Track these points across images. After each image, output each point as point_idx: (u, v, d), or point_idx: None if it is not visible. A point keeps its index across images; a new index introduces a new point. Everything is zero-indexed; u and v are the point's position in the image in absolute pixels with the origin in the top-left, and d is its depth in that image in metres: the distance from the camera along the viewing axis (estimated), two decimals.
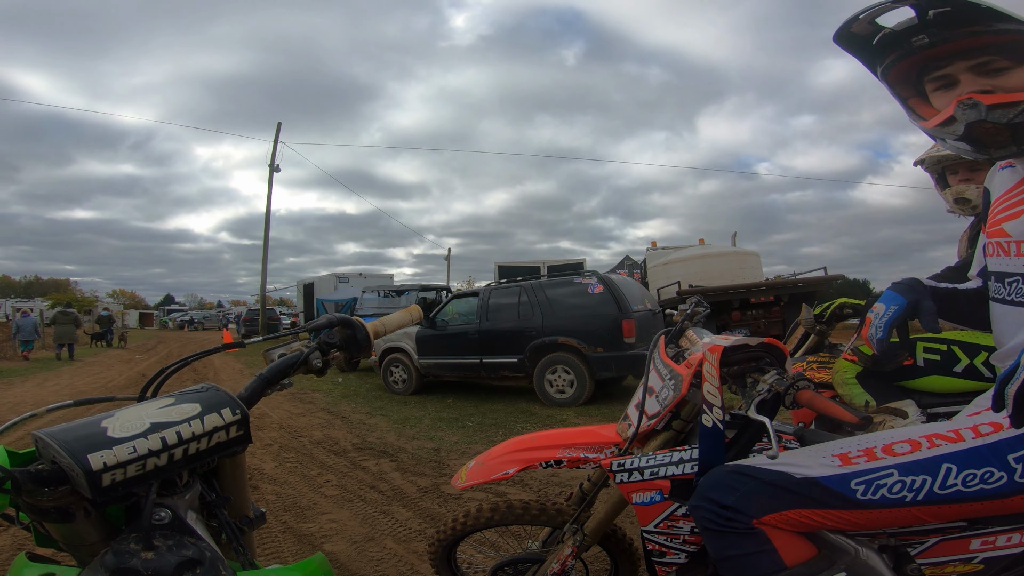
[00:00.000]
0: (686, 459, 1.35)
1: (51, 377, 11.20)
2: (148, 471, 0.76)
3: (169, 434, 0.79)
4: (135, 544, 0.74)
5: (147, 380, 0.98)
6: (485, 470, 1.72)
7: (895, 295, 1.29)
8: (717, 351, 1.28)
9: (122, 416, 0.80)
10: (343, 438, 5.43)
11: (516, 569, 1.85)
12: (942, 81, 1.07)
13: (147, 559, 0.72)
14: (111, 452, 0.73)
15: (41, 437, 0.74)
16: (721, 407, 1.25)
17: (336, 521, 3.28)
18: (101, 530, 0.80)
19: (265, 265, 22.14)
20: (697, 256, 13.18)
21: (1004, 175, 1.21)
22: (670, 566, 1.40)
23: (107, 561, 0.72)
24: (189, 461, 0.81)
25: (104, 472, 0.72)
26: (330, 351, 1.10)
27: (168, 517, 0.81)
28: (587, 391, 6.72)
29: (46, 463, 0.74)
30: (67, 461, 0.71)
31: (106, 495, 0.73)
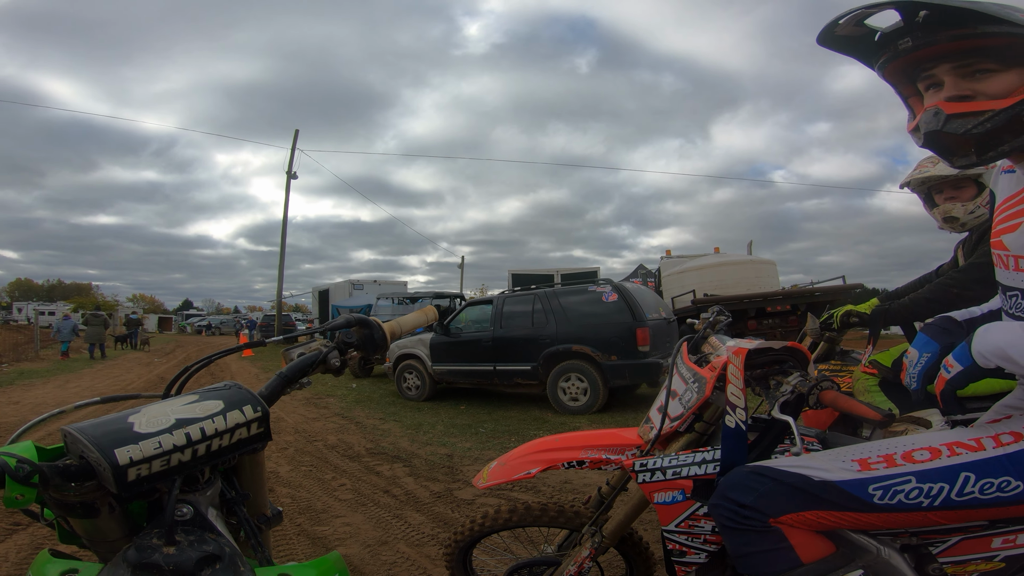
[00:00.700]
0: (708, 459, 1.36)
1: (72, 379, 11.42)
2: (172, 467, 0.78)
3: (193, 430, 0.80)
4: (157, 539, 0.75)
5: (171, 379, 1.00)
6: (507, 470, 1.73)
7: (928, 340, 1.23)
8: (742, 354, 1.30)
9: (148, 412, 0.81)
10: (357, 443, 5.46)
11: (531, 572, 1.85)
12: (930, 82, 1.05)
13: (168, 554, 0.73)
14: (137, 447, 0.75)
15: (70, 432, 0.75)
16: (744, 408, 1.27)
17: (350, 525, 3.30)
18: (124, 526, 0.81)
19: (282, 271, 22.43)
20: (712, 265, 13.09)
21: (1005, 180, 1.17)
22: (690, 566, 1.40)
23: (129, 556, 0.73)
24: (212, 457, 0.83)
25: (130, 467, 0.73)
26: (348, 350, 1.12)
27: (190, 513, 0.81)
28: (600, 399, 6.68)
29: (74, 458, 0.75)
30: (95, 455, 0.72)
31: (131, 490, 0.74)
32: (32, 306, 41.15)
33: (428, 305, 1.50)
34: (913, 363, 1.24)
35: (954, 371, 1.08)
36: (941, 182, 2.10)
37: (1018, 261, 1.08)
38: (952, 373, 1.08)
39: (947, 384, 1.09)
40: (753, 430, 1.38)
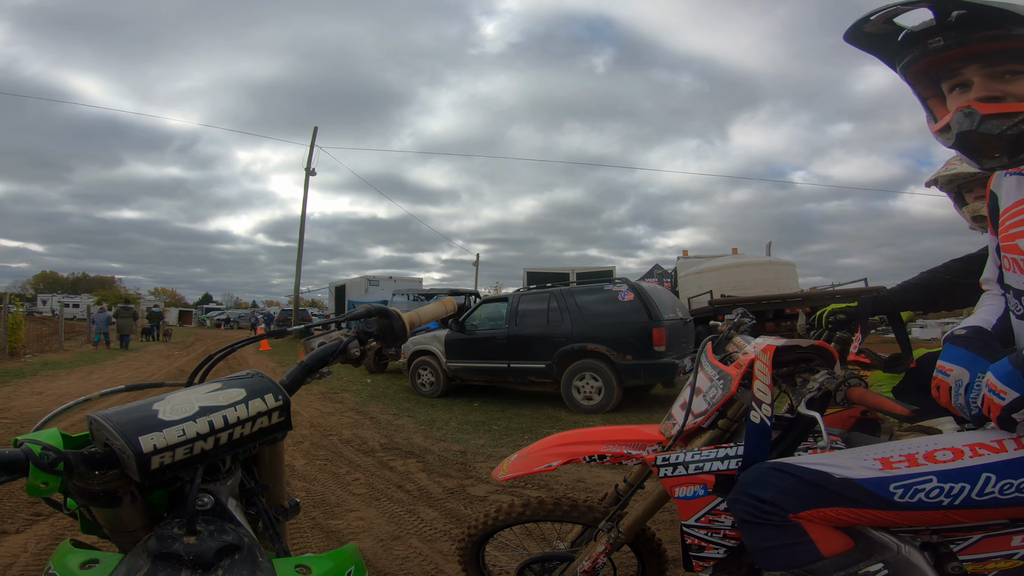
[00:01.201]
0: (731, 455, 1.37)
1: (95, 370, 11.68)
2: (195, 455, 0.77)
3: (216, 418, 0.80)
4: (178, 529, 0.75)
5: (195, 367, 1.00)
6: (528, 462, 1.73)
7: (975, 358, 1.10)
8: (770, 351, 1.32)
9: (172, 399, 0.81)
10: (371, 438, 5.50)
11: (543, 567, 1.85)
12: (957, 81, 1.04)
13: (189, 544, 0.73)
14: (161, 435, 0.74)
15: (96, 419, 0.75)
16: (770, 404, 1.28)
17: (363, 519, 3.32)
18: (145, 516, 0.81)
19: (299, 267, 22.68)
20: (730, 266, 12.95)
21: (1012, 182, 1.15)
22: (708, 561, 1.41)
23: (150, 546, 0.73)
24: (233, 446, 0.82)
25: (153, 455, 0.73)
26: (367, 340, 1.12)
27: (210, 503, 0.81)
28: (615, 398, 6.64)
29: (98, 446, 0.75)
30: (119, 443, 0.72)
31: (154, 478, 0.74)
32: (56, 298, 42.15)
33: (447, 297, 1.50)
34: (963, 384, 1.10)
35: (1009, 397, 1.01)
36: (971, 180, 2.03)
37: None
38: (1008, 400, 1.01)
39: (1004, 411, 1.02)
40: (774, 428, 1.38)
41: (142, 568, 0.70)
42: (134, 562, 0.72)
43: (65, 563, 0.74)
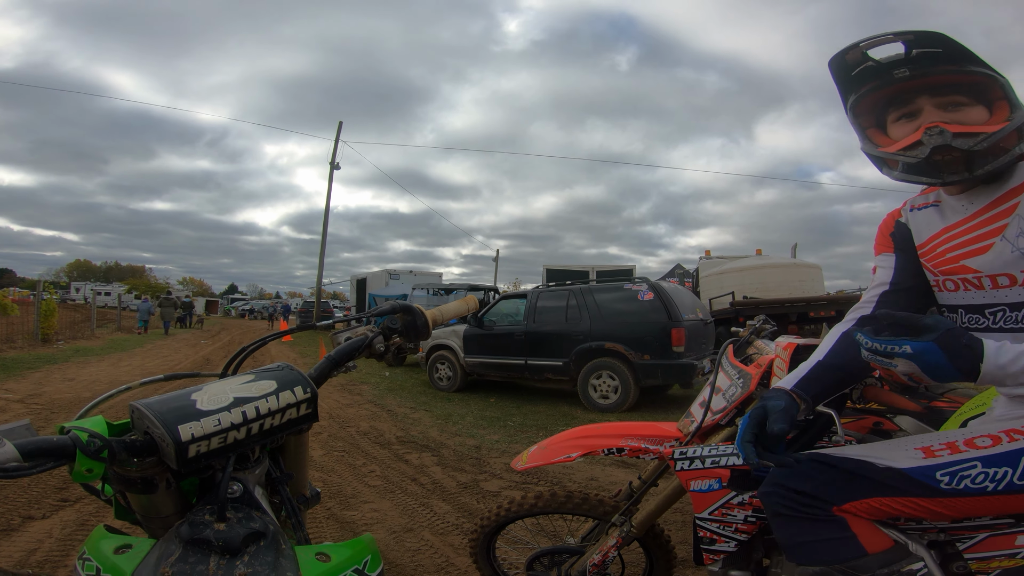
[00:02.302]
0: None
1: (125, 357, 12.03)
2: (228, 444, 0.80)
3: (249, 409, 0.82)
4: (209, 516, 0.77)
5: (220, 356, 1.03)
6: (547, 453, 1.76)
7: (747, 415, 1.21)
8: (790, 348, 1.37)
9: (209, 390, 0.83)
10: (388, 430, 5.56)
11: (552, 560, 1.88)
12: (906, 111, 1.18)
13: (219, 530, 0.75)
14: (199, 424, 0.77)
15: (137, 407, 0.78)
16: None
17: (377, 510, 3.36)
18: (177, 503, 0.83)
19: (322, 260, 23.01)
20: (754, 267, 12.74)
21: (926, 215, 1.29)
22: (718, 554, 1.43)
23: (182, 532, 0.75)
24: (263, 436, 0.84)
25: (191, 443, 0.75)
26: (392, 336, 1.15)
27: (239, 491, 0.83)
28: (631, 398, 6.60)
29: (138, 434, 0.77)
30: (159, 431, 0.74)
31: (190, 466, 0.76)
32: (89, 286, 43.48)
33: (469, 295, 1.51)
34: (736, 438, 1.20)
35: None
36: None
37: (996, 279, 1.16)
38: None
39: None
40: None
41: (174, 553, 0.73)
42: (166, 547, 0.74)
43: (99, 548, 0.76)
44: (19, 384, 7.54)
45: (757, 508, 1.36)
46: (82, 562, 0.75)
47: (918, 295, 1.32)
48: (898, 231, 1.36)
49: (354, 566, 0.81)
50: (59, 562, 2.53)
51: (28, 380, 7.93)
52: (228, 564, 0.73)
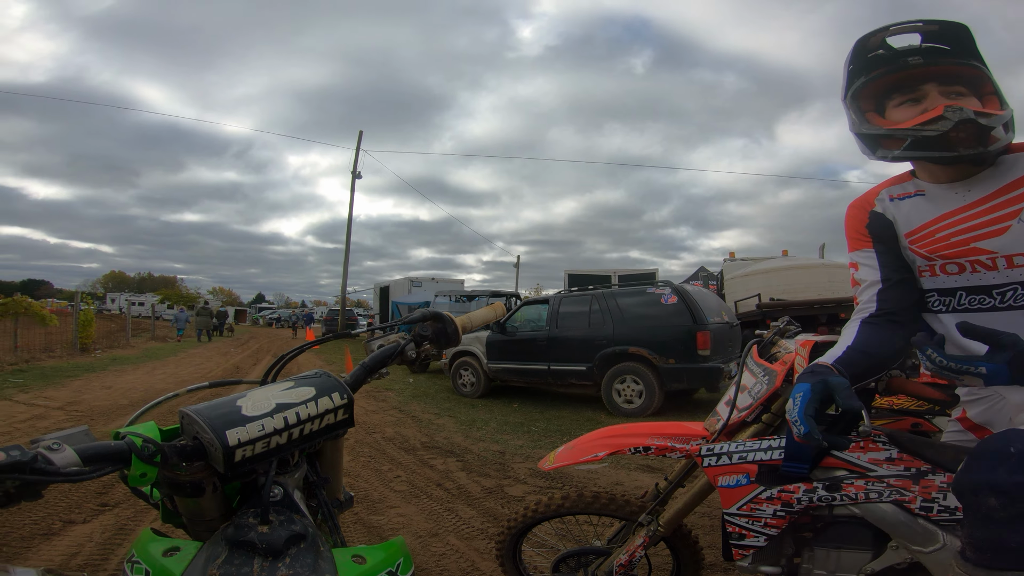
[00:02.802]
0: (774, 447, 1.40)
1: (159, 366, 12.37)
2: (271, 449, 0.82)
3: (290, 414, 0.85)
4: (253, 519, 0.80)
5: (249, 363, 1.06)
6: (575, 452, 1.77)
7: (798, 385, 1.19)
8: (808, 345, 1.40)
9: (253, 396, 0.86)
10: (413, 436, 5.60)
11: (579, 561, 1.88)
12: (912, 96, 1.26)
13: (263, 533, 0.78)
14: (244, 429, 0.79)
15: (187, 413, 0.80)
16: None
17: (403, 515, 3.38)
18: (220, 506, 0.86)
19: (346, 268, 23.36)
20: (780, 268, 12.48)
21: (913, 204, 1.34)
22: (747, 549, 1.42)
23: (228, 534, 0.78)
24: (303, 441, 0.87)
25: (238, 448, 0.78)
26: (423, 343, 1.17)
27: (280, 494, 0.86)
28: (656, 402, 6.53)
29: (188, 439, 0.80)
30: (208, 436, 0.77)
31: (236, 470, 0.79)
32: (124, 297, 44.92)
33: (497, 302, 1.54)
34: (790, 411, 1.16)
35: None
36: None
37: (1012, 259, 1.21)
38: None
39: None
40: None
41: (220, 555, 0.75)
42: (213, 549, 0.76)
43: (148, 551, 0.78)
44: (59, 392, 7.82)
45: (786, 503, 1.35)
46: (131, 565, 0.77)
47: (910, 286, 1.36)
48: (875, 223, 1.40)
49: (388, 568, 0.83)
50: (99, 565, 2.60)
51: (68, 388, 8.22)
52: (271, 566, 0.75)
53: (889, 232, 1.38)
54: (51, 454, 0.66)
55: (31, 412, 6.20)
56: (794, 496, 1.34)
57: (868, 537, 1.32)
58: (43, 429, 5.35)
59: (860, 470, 1.30)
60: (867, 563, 1.32)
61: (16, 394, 7.38)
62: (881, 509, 1.27)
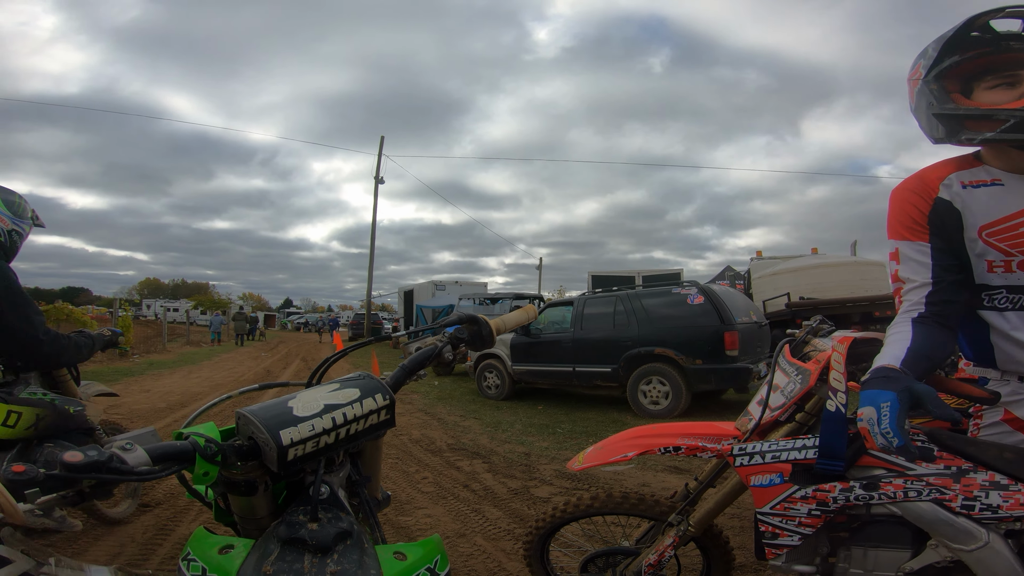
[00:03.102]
0: (808, 446, 1.39)
1: (194, 370, 12.73)
2: (320, 448, 0.85)
3: (338, 415, 0.88)
4: (303, 516, 0.82)
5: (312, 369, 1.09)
6: (604, 453, 1.77)
7: (878, 393, 1.12)
8: (847, 341, 1.36)
9: (303, 397, 0.89)
10: (439, 438, 5.64)
11: (607, 562, 1.87)
12: (1007, 79, 1.22)
13: (312, 530, 0.80)
14: (296, 429, 0.83)
15: (244, 414, 0.84)
16: (845, 392, 1.29)
17: (431, 516, 3.41)
18: (270, 504, 0.89)
19: (371, 273, 23.69)
20: (810, 266, 12.19)
21: (990, 194, 1.26)
22: (781, 548, 1.41)
23: (280, 532, 0.80)
24: (348, 440, 0.90)
25: (291, 447, 0.81)
26: (459, 345, 1.20)
27: (327, 493, 0.88)
28: (683, 403, 6.45)
29: (243, 439, 0.83)
30: (264, 436, 0.80)
31: (288, 469, 0.82)
32: (159, 303, 46.36)
33: (529, 304, 1.55)
34: (876, 422, 1.09)
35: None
36: None
37: None
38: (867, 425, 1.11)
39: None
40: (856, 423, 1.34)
41: (272, 552, 0.78)
42: (265, 547, 0.79)
43: (204, 548, 0.81)
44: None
45: (821, 502, 1.33)
46: (187, 563, 0.80)
47: (960, 287, 1.30)
48: (939, 211, 1.31)
49: (427, 565, 0.85)
50: (140, 565, 2.66)
51: None
52: (320, 562, 0.77)
53: (955, 223, 1.30)
54: (124, 454, 0.69)
55: None
56: (830, 495, 1.33)
57: (907, 536, 1.30)
58: None
59: (899, 469, 1.28)
60: (905, 562, 1.30)
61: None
62: (920, 508, 1.24)
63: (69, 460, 0.63)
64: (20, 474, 0.60)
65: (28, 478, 0.61)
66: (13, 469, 0.60)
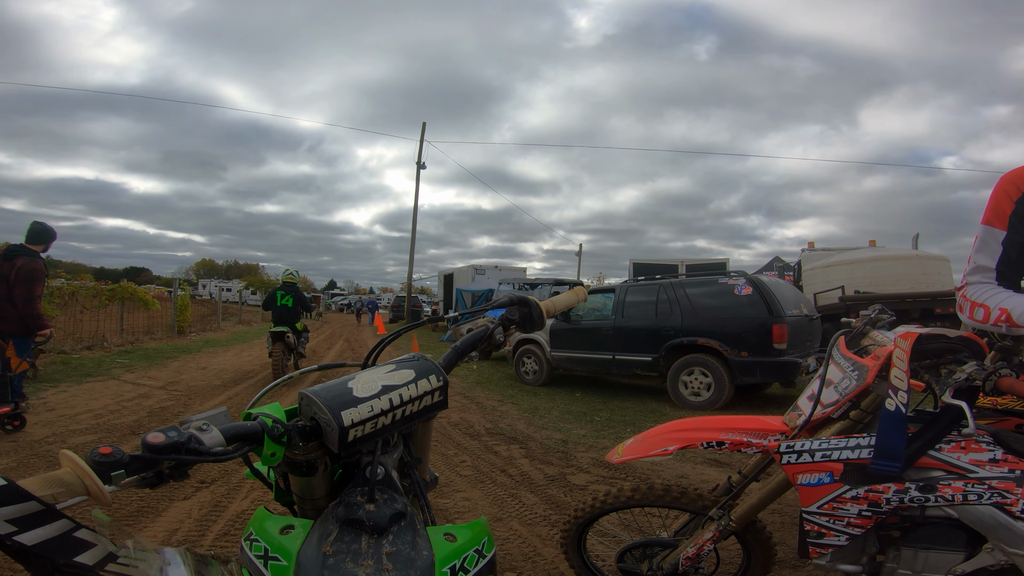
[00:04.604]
0: (863, 445, 1.33)
1: (246, 348, 13.28)
2: (378, 429, 0.86)
3: (394, 396, 0.88)
4: (360, 497, 0.84)
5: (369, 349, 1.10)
6: (644, 446, 1.75)
7: None
8: (911, 337, 1.28)
9: (361, 378, 0.90)
10: (477, 422, 5.71)
11: (644, 553, 1.86)
12: None
13: (369, 511, 0.81)
14: (356, 410, 0.84)
15: (308, 395, 0.85)
16: (907, 391, 1.23)
17: (468, 499, 3.46)
18: (328, 485, 0.91)
19: (412, 257, 24.04)
20: (867, 259, 11.60)
21: None
22: (826, 548, 1.37)
23: (339, 513, 0.82)
24: (404, 422, 0.90)
25: (351, 428, 0.82)
26: (510, 327, 1.19)
27: (382, 474, 0.89)
28: (725, 396, 6.29)
29: (305, 419, 0.85)
30: (326, 417, 0.82)
31: (348, 449, 0.83)
32: (214, 283, 48.50)
33: (579, 286, 1.52)
34: None
35: None
36: None
37: None
38: None
39: None
40: (914, 423, 1.31)
41: (332, 532, 0.79)
42: (324, 527, 0.81)
43: (265, 528, 0.82)
44: (160, 372, 8.59)
45: (873, 503, 1.28)
46: (250, 543, 0.81)
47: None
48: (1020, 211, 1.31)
49: (475, 546, 0.85)
50: (196, 541, 2.78)
51: (168, 368, 9.00)
52: (376, 542, 0.78)
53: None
54: (201, 435, 0.70)
55: (136, 391, 6.84)
56: (883, 496, 1.28)
57: (962, 538, 1.25)
58: (147, 408, 5.89)
59: (959, 471, 1.22)
60: (957, 564, 1.25)
61: (123, 373, 8.17)
62: (979, 511, 1.19)
63: (152, 441, 0.64)
64: (107, 456, 0.61)
65: (114, 460, 0.61)
66: (100, 451, 0.61)
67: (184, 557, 0.74)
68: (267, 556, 0.78)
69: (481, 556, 0.85)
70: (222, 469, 3.80)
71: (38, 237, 4.86)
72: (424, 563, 0.78)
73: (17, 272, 4.62)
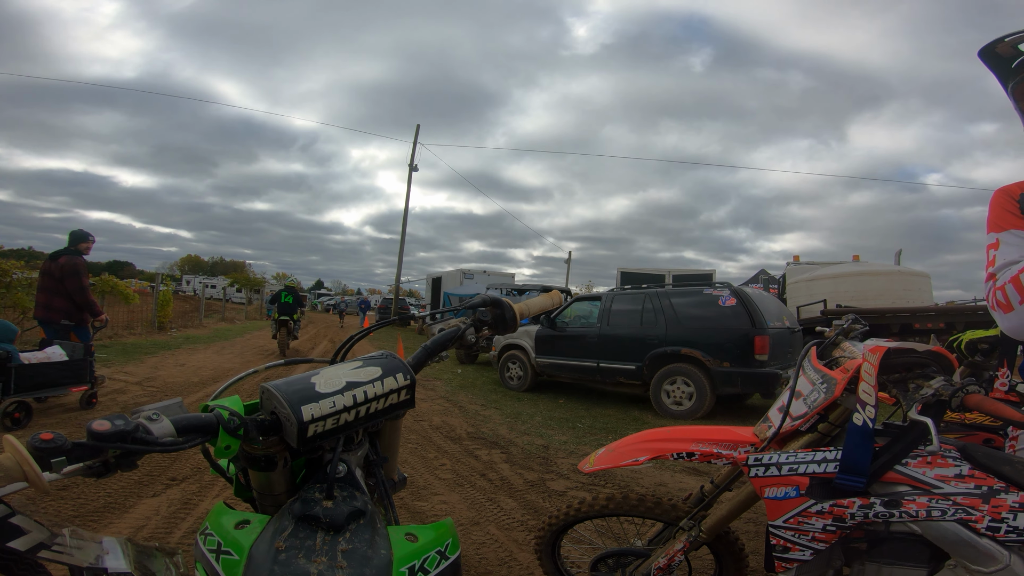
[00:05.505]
0: (830, 459, 1.33)
1: (227, 346, 13.13)
2: (339, 426, 0.85)
3: (359, 392, 0.87)
4: (318, 494, 0.83)
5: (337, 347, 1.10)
6: (615, 456, 1.75)
7: None
8: (879, 351, 1.28)
9: (325, 374, 0.89)
10: (459, 426, 5.68)
11: (617, 562, 1.86)
12: None
13: (327, 508, 0.80)
14: (318, 405, 0.82)
15: (268, 388, 0.84)
16: (874, 406, 1.24)
17: (446, 503, 3.44)
18: (288, 481, 0.90)
19: (400, 259, 23.95)
20: (850, 273, 11.79)
21: None
22: (792, 562, 1.37)
23: (295, 508, 0.81)
24: (368, 419, 0.89)
25: (311, 423, 0.81)
26: (482, 328, 1.19)
27: (343, 471, 0.88)
28: (706, 405, 6.34)
29: (266, 414, 0.83)
30: (285, 411, 0.80)
31: (307, 445, 0.82)
32: (198, 279, 47.91)
33: (554, 290, 1.53)
34: None
35: None
36: None
37: None
38: None
39: None
40: (882, 436, 1.31)
41: (287, 528, 0.78)
42: (280, 523, 0.80)
43: (221, 523, 0.82)
44: (138, 368, 8.43)
45: (838, 517, 1.29)
46: (204, 537, 0.81)
47: None
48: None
49: (437, 548, 0.85)
50: (163, 538, 2.71)
51: (145, 364, 8.85)
52: (332, 540, 0.77)
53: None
54: (150, 424, 0.69)
55: (111, 386, 6.71)
56: (848, 511, 1.28)
57: (925, 554, 1.25)
58: (121, 404, 5.78)
59: (924, 487, 1.23)
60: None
61: (99, 368, 7.99)
62: (944, 528, 1.20)
63: (96, 429, 0.62)
64: (48, 442, 0.60)
65: (55, 446, 0.60)
66: (41, 437, 0.60)
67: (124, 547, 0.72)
68: (220, 550, 0.77)
69: (443, 558, 0.84)
70: (194, 466, 3.74)
71: (76, 239, 5.92)
72: (381, 561, 0.77)
73: (62, 268, 5.56)
